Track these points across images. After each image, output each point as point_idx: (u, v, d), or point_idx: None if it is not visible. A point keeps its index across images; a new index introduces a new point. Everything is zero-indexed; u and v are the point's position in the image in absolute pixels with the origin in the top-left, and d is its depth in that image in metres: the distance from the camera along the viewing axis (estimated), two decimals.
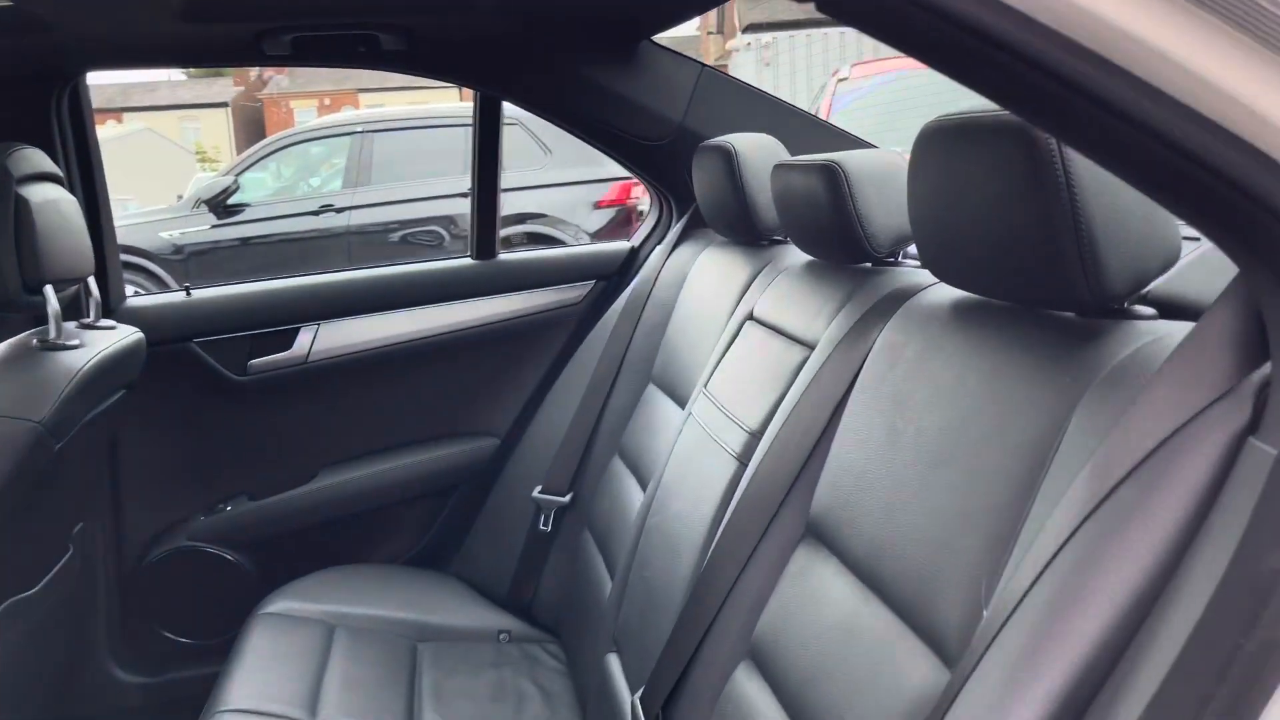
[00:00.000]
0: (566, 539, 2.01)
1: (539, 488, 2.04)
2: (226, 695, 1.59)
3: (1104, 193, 0.81)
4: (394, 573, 2.15)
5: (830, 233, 1.31)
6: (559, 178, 6.71)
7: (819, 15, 0.62)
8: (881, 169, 1.28)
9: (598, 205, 7.01)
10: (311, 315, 2.11)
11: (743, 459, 1.31)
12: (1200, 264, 0.93)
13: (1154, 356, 0.78)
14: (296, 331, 2.09)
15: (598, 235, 6.84)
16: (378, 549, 2.23)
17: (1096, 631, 0.63)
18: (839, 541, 1.07)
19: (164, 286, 6.86)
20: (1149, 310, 0.87)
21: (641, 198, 7.19)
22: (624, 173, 7.44)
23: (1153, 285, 0.87)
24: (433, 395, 2.22)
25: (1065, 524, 0.69)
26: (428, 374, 2.20)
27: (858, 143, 1.90)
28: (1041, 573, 0.68)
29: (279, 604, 1.91)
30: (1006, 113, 0.86)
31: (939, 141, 0.95)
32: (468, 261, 2.21)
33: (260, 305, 2.09)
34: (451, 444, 2.22)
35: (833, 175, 1.26)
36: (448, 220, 7.04)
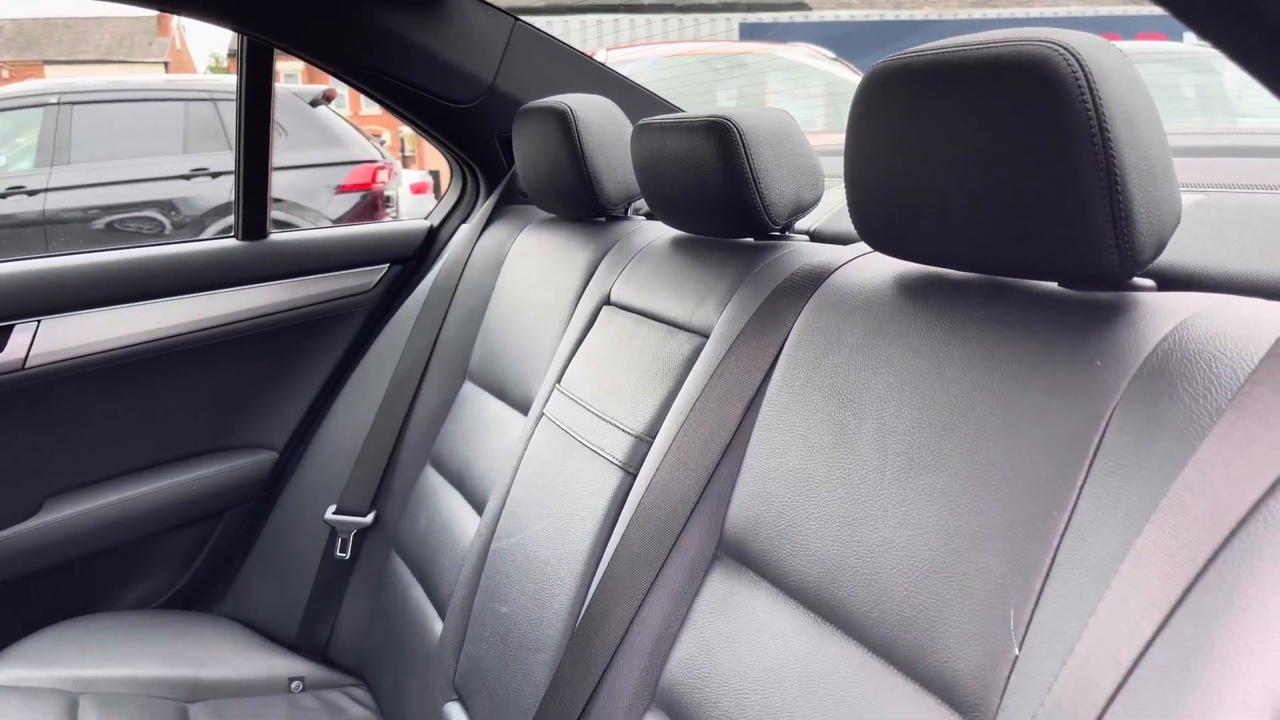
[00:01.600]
0: (369, 567, 1.73)
1: (332, 508, 1.74)
2: None
3: (1133, 138, 0.68)
4: (149, 620, 1.77)
5: (716, 202, 1.14)
6: (296, 160, 6.19)
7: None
8: (775, 127, 1.12)
9: (340, 189, 6.56)
10: (29, 309, 1.67)
11: (629, 468, 1.11)
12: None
13: (1203, 341, 0.66)
14: (9, 330, 1.66)
15: (341, 221, 6.38)
16: (125, 593, 1.83)
17: (1267, 687, 0.49)
18: (773, 564, 0.90)
19: None
20: (1148, 282, 0.76)
21: (388, 182, 6.79)
22: (367, 155, 7.03)
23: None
24: (191, 404, 1.85)
25: (1181, 552, 0.55)
26: (185, 379, 1.83)
27: (680, 110, 1.74)
28: (1170, 615, 0.54)
29: (0, 673, 1.50)
30: (996, 45, 0.72)
31: (900, 83, 0.80)
32: (233, 243, 1.86)
33: None
34: (216, 461, 1.86)
35: (725, 133, 1.09)
36: (167, 205, 6.32)
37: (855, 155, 0.86)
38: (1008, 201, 0.73)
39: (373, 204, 6.65)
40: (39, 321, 1.68)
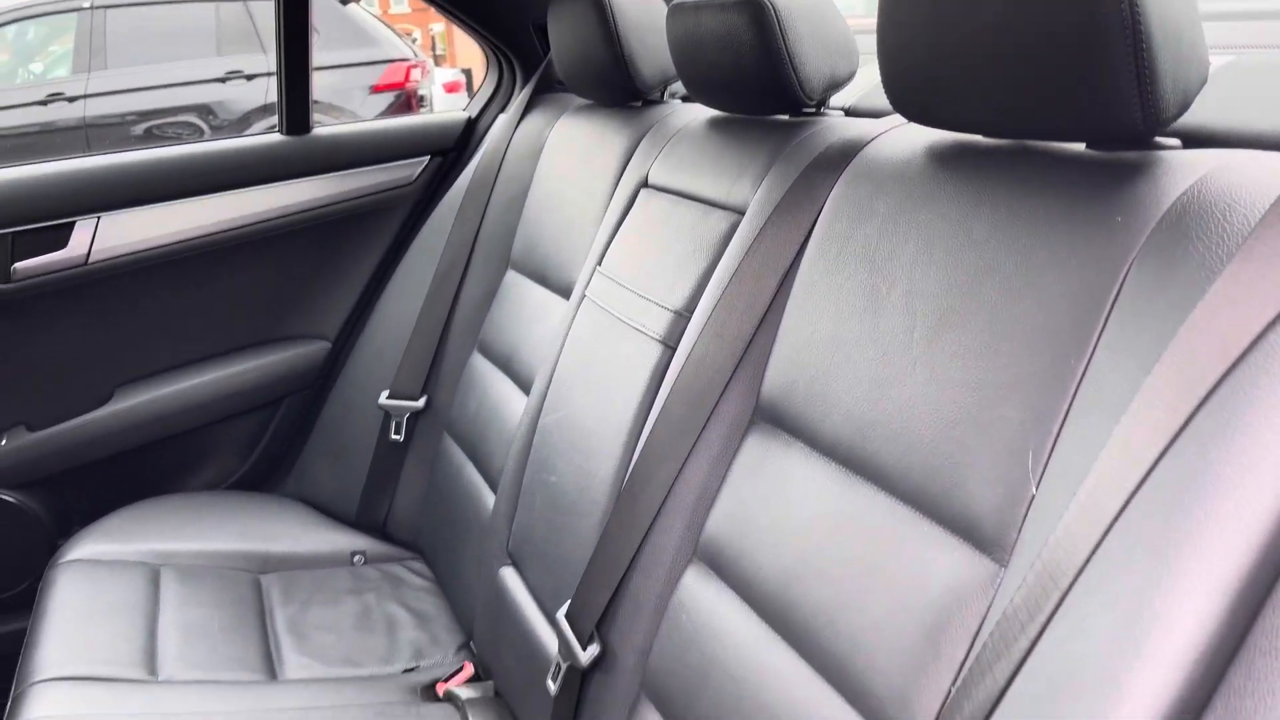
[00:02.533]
0: (422, 448, 1.81)
1: (385, 393, 1.81)
2: (40, 662, 1.32)
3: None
4: (221, 499, 1.88)
5: (751, 80, 1.16)
6: (328, 60, 6.15)
7: None
8: (810, 3, 1.13)
9: (374, 90, 6.53)
10: (88, 206, 1.74)
11: (668, 342, 1.16)
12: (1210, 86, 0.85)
13: (1220, 193, 0.68)
14: (71, 226, 1.73)
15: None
16: (195, 476, 1.94)
17: (1255, 523, 0.53)
18: (806, 426, 0.95)
19: None
20: (1174, 141, 0.78)
21: (421, 80, 6.74)
22: (400, 54, 6.95)
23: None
24: (247, 296, 1.92)
25: (1180, 392, 0.59)
26: (239, 271, 1.89)
27: None
28: (1167, 448, 0.58)
29: (85, 548, 1.62)
30: None
31: None
32: (278, 137, 1.90)
33: (21, 194, 1.70)
34: (274, 351, 1.94)
35: (759, 10, 1.10)
36: (204, 110, 6.34)
37: (887, 25, 0.88)
38: (1036, 63, 0.75)
39: (406, 103, 6.61)
40: (99, 218, 1.75)
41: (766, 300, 1.04)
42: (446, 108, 7.95)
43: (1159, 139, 0.77)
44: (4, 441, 1.76)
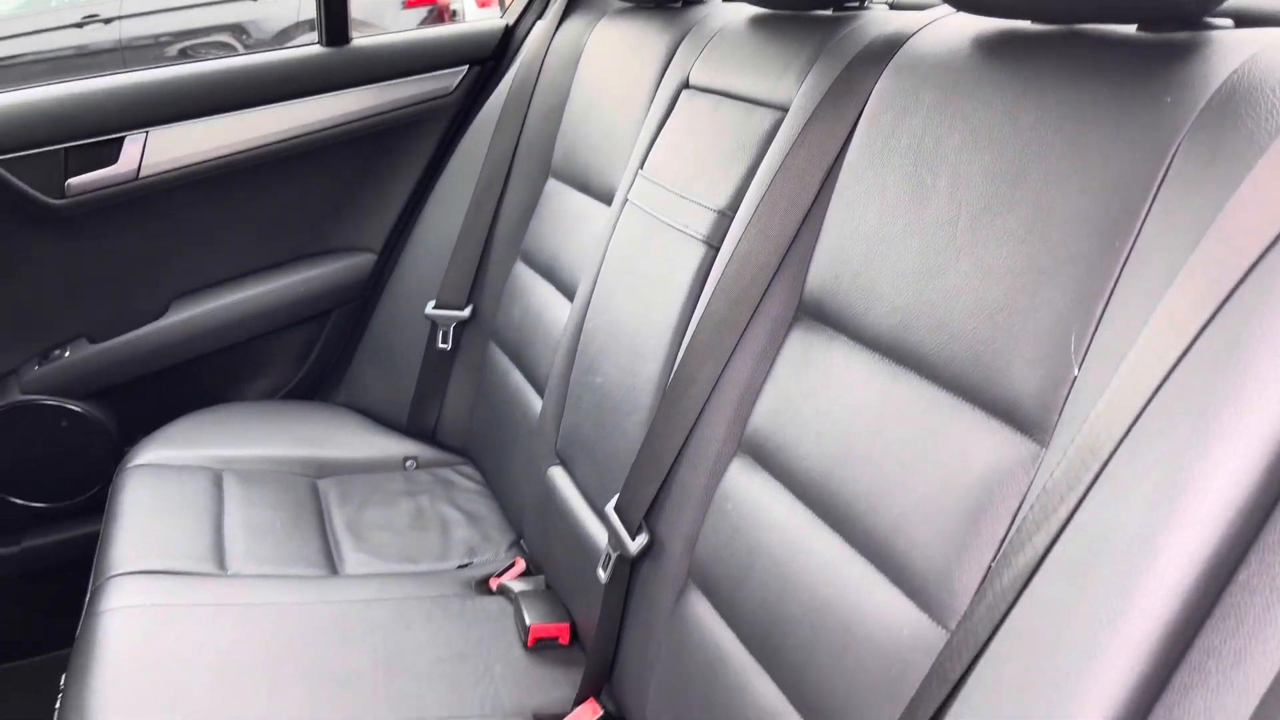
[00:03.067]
0: (469, 356, 1.85)
1: (431, 303, 1.85)
2: (115, 557, 1.39)
3: None
4: (276, 408, 1.94)
5: None
6: None
7: None
8: None
9: (406, 5, 6.46)
10: (137, 121, 1.77)
11: (712, 242, 1.17)
12: None
13: (1270, 71, 0.68)
14: (121, 141, 1.76)
15: None
16: (250, 386, 2.00)
17: None
18: (850, 319, 0.97)
19: None
20: (1226, 21, 0.77)
21: None
22: None
23: None
24: (294, 209, 1.95)
25: (1217, 273, 0.60)
26: (285, 185, 1.92)
27: None
28: (1204, 328, 0.59)
29: (149, 454, 1.69)
30: None
31: None
32: (317, 49, 1.90)
33: (71, 111, 1.73)
34: (321, 263, 1.98)
35: None
36: (237, 29, 6.32)
37: None
38: None
39: (439, 18, 6.54)
40: (147, 133, 1.78)
41: (810, 196, 1.05)
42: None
43: (1210, 19, 0.76)
44: (68, 353, 1.82)
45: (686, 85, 1.37)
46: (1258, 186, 0.60)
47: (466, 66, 1.97)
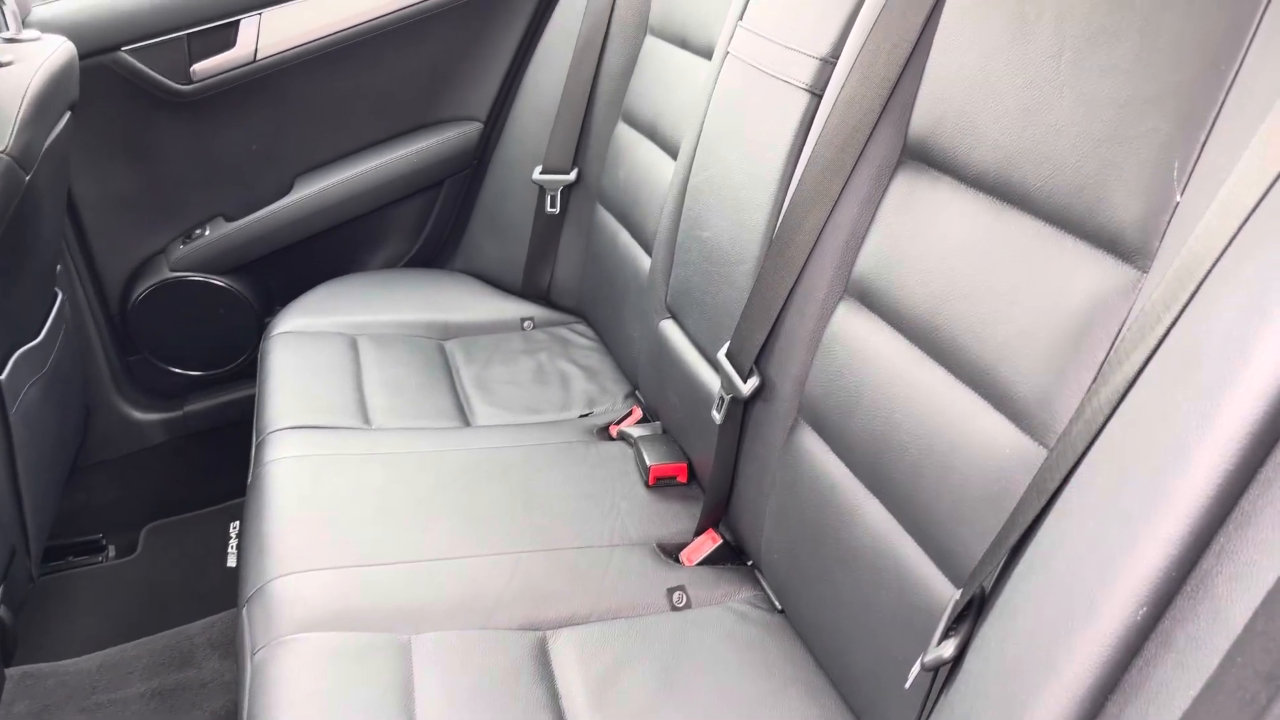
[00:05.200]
0: (578, 218, 1.92)
1: (538, 169, 1.91)
2: (272, 415, 1.53)
3: None
4: (399, 276, 2.06)
5: None
6: None
7: None
8: None
9: None
10: (249, 4, 1.84)
11: (815, 90, 1.19)
12: None
13: None
14: (237, 25, 1.84)
15: None
16: (373, 256, 2.12)
17: None
18: (954, 159, 0.99)
19: None
20: None
21: None
22: None
23: None
24: (399, 83, 2.01)
25: None
26: (390, 59, 1.98)
27: None
28: None
29: (289, 322, 1.82)
30: None
31: None
32: None
33: None
34: (430, 135, 2.05)
35: None
36: None
37: None
38: None
39: None
40: (260, 14, 1.85)
41: (913, 39, 1.06)
42: None
43: None
44: (207, 232, 1.95)
45: None
46: None
47: None
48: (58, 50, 1.46)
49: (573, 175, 1.89)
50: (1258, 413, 0.58)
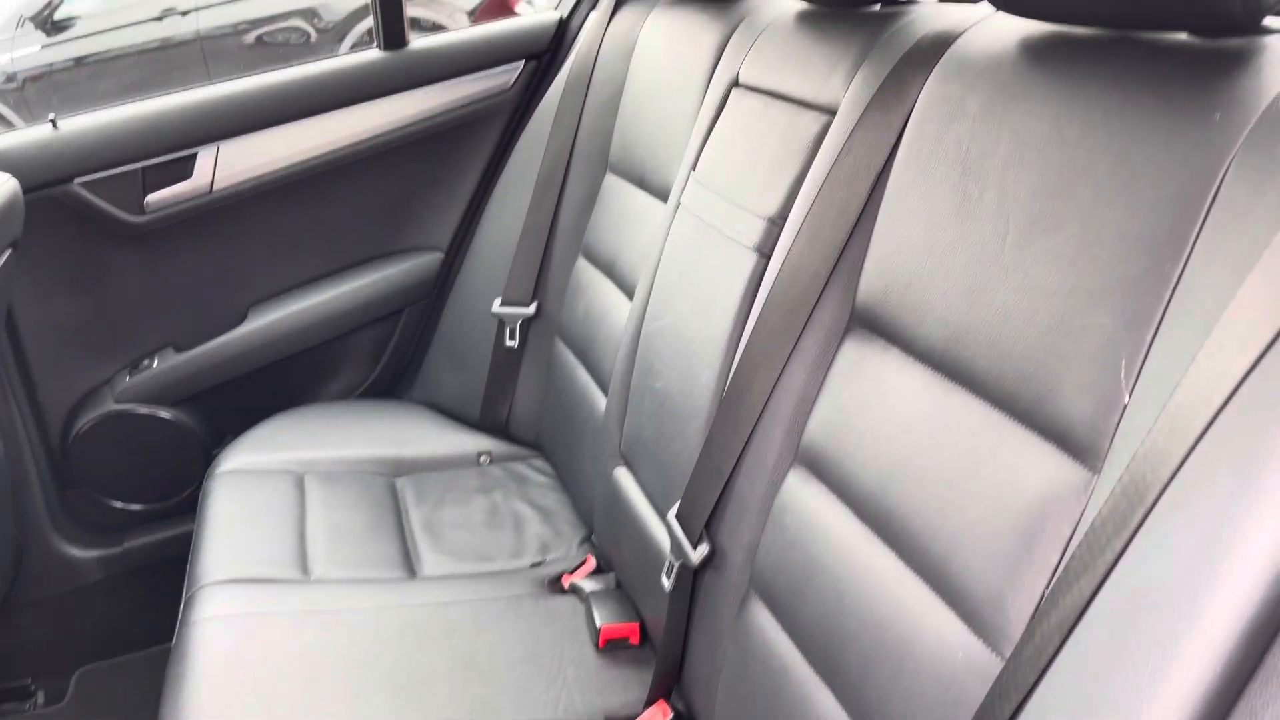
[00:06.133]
0: (537, 352, 1.88)
1: (498, 300, 1.88)
2: (206, 566, 1.46)
3: None
4: (353, 408, 2.00)
5: None
6: None
7: None
8: None
9: None
10: (207, 135, 1.82)
11: (762, 250, 1.16)
12: None
13: None
14: (193, 157, 1.82)
15: (474, 13, 6.33)
16: (329, 386, 2.06)
17: None
18: (902, 331, 0.96)
19: (3, 121, 6.17)
20: None
21: None
22: None
23: None
24: (360, 213, 1.99)
25: (1261, 314, 0.57)
26: (351, 190, 1.96)
27: None
28: (1260, 358, 0.57)
29: (236, 459, 1.76)
30: None
31: None
32: (376, 54, 1.93)
33: (144, 130, 1.79)
34: (390, 264, 2.02)
35: None
36: (309, 13, 6.42)
37: None
38: None
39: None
40: (218, 146, 1.83)
41: (859, 205, 1.03)
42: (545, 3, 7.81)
43: (1269, 23, 0.73)
44: (156, 363, 1.90)
45: (737, 83, 1.36)
46: None
47: (523, 62, 1.98)
48: None
49: (532, 309, 1.85)
50: (1212, 673, 0.53)
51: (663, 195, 1.53)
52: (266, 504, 1.62)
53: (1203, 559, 0.54)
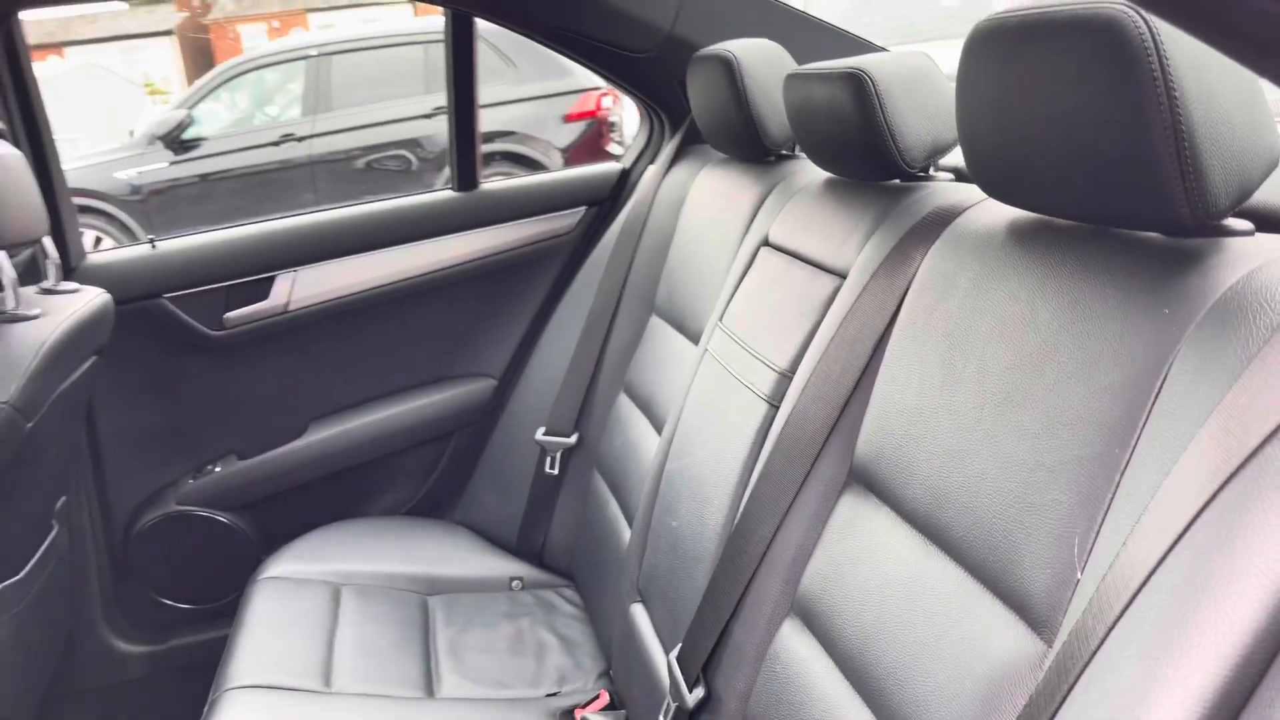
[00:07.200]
0: (575, 481, 1.93)
1: (542, 429, 1.95)
2: (234, 670, 1.51)
3: (1205, 94, 0.70)
4: (396, 525, 2.07)
5: (857, 148, 1.20)
6: (525, 92, 6.47)
7: None
8: (910, 74, 1.16)
9: (567, 119, 6.79)
10: (287, 261, 1.97)
11: (773, 401, 1.21)
12: None
13: (1267, 284, 0.68)
14: (273, 279, 1.97)
15: (569, 150, 6.65)
16: (377, 502, 2.15)
17: (1252, 616, 0.55)
18: (892, 491, 0.99)
19: (123, 228, 6.64)
20: (1245, 225, 0.77)
21: (612, 108, 6.97)
22: (593, 82, 7.20)
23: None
24: (422, 338, 2.11)
25: (1196, 486, 0.60)
26: (416, 316, 2.08)
27: (864, 46, 1.76)
28: (1174, 544, 0.60)
29: (279, 566, 1.83)
30: (1080, 4, 0.75)
31: (997, 42, 0.84)
32: (449, 194, 2.08)
33: (232, 253, 1.95)
34: (446, 388, 2.12)
35: (859, 84, 1.14)
36: (413, 143, 6.83)
37: (964, 108, 0.91)
38: (1094, 154, 0.77)
39: (598, 131, 6.82)
40: (296, 271, 1.98)
41: (861, 365, 1.08)
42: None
43: (1229, 223, 0.77)
44: (219, 468, 2.01)
45: (766, 242, 1.43)
46: (1223, 419, 0.61)
47: (585, 207, 2.10)
48: (91, 302, 1.57)
49: (573, 439, 1.92)
50: None
51: (697, 340, 1.60)
52: (302, 613, 1.68)
53: None
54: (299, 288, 1.98)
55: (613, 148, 6.70)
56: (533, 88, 6.49)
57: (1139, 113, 0.71)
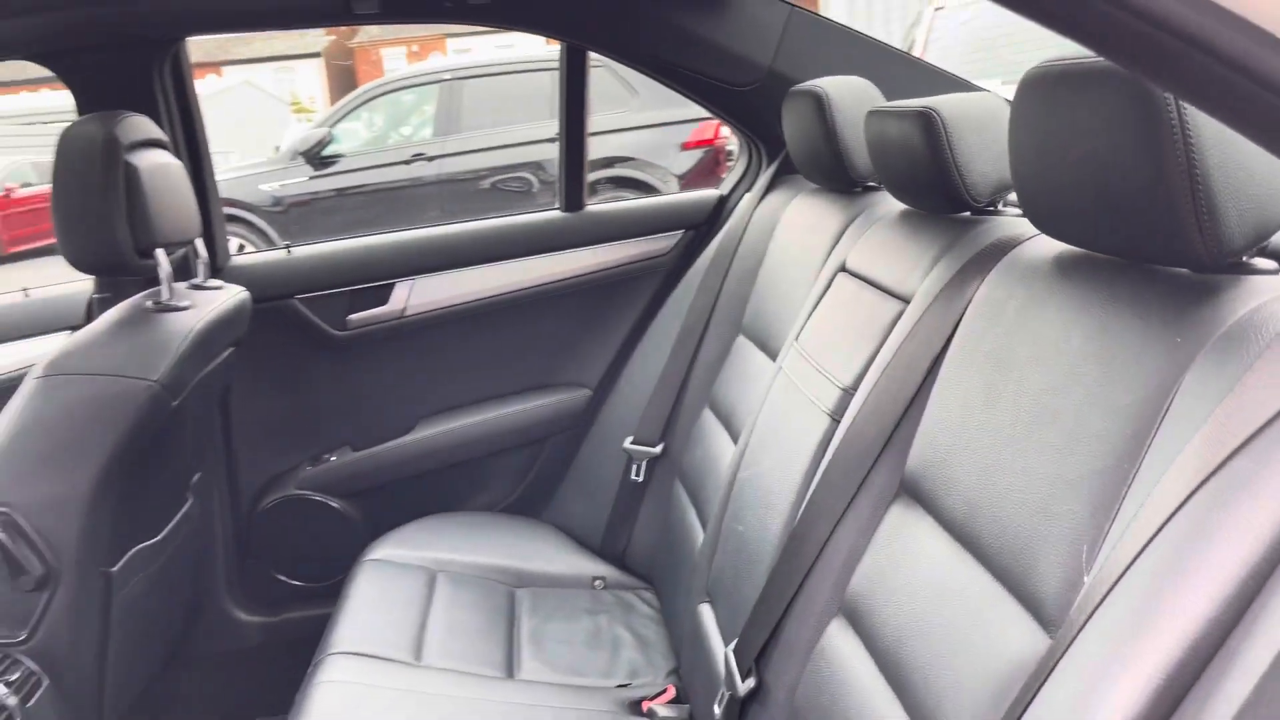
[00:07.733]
0: (658, 489, 2.03)
1: (630, 438, 2.06)
2: (336, 638, 1.66)
3: (1223, 142, 0.76)
4: (491, 520, 2.21)
5: (927, 182, 1.27)
6: (645, 119, 6.64)
7: None
8: (981, 114, 1.23)
9: (684, 146, 6.91)
10: (407, 270, 2.14)
11: (835, 415, 1.29)
12: None
13: (1264, 320, 0.74)
14: (392, 286, 2.14)
15: (685, 177, 6.78)
16: (475, 498, 2.29)
17: (1204, 608, 0.61)
18: (935, 501, 1.06)
19: (263, 235, 7.08)
20: (1269, 264, 0.83)
21: (730, 138, 7.08)
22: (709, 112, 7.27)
23: (1275, 238, 0.82)
24: (525, 348, 2.25)
25: (1174, 494, 0.67)
26: (520, 327, 2.23)
27: (958, 84, 1.83)
28: (1147, 544, 0.66)
29: (383, 551, 1.98)
30: None
31: (1041, 89, 0.91)
32: (557, 214, 2.22)
33: (357, 262, 2.14)
34: (544, 395, 2.26)
35: (929, 122, 1.22)
36: (536, 166, 7.07)
37: (1014, 148, 0.98)
38: (1121, 194, 0.84)
39: (714, 159, 6.93)
40: (414, 280, 2.14)
41: (915, 385, 1.15)
42: None
43: (1255, 262, 0.82)
44: (334, 458, 2.19)
45: (844, 268, 1.51)
46: (1205, 437, 0.67)
47: (683, 230, 2.21)
48: (232, 298, 1.76)
49: (659, 449, 2.02)
50: None
51: (777, 358, 1.68)
52: (400, 593, 1.83)
53: None
54: (416, 295, 2.15)
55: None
56: (652, 115, 6.65)
57: (1158, 158, 0.78)
